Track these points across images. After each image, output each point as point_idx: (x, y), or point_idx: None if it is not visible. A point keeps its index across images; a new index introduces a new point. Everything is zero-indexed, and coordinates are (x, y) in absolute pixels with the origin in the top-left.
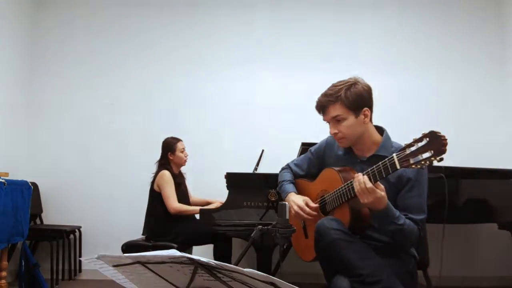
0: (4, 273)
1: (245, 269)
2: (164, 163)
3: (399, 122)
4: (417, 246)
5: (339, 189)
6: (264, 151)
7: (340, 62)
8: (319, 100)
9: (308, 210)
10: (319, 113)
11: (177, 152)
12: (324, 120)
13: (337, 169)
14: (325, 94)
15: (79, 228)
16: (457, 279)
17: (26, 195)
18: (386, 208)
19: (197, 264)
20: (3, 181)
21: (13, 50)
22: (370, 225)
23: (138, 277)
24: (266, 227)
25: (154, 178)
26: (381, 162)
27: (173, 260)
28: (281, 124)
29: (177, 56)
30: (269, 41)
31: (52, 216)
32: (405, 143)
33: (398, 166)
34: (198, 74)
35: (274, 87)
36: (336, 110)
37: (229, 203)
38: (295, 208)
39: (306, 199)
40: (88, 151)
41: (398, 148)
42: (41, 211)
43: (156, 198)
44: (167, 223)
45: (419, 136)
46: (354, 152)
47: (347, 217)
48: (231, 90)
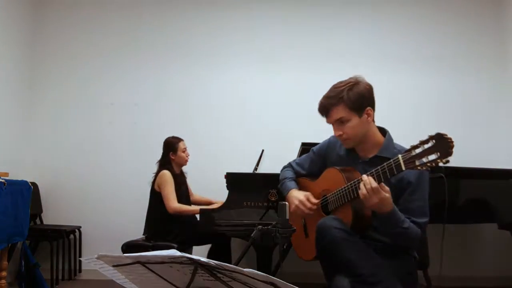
0: (4, 273)
1: (245, 269)
2: (165, 163)
3: (399, 122)
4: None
5: (342, 189)
6: (264, 151)
7: (342, 62)
8: (321, 103)
9: (309, 205)
10: (322, 116)
11: (179, 152)
12: (328, 123)
13: (340, 169)
14: (327, 97)
15: (79, 228)
16: (457, 279)
17: (26, 195)
18: (392, 211)
19: (197, 264)
20: (3, 181)
21: (13, 50)
22: (372, 226)
23: (138, 277)
24: (266, 227)
25: (155, 178)
26: (386, 163)
27: (173, 260)
28: (281, 124)
29: (177, 56)
30: (270, 41)
31: (52, 216)
32: (411, 145)
33: (404, 167)
34: (198, 74)
35: (274, 87)
36: (339, 112)
37: (229, 203)
38: (296, 203)
39: (308, 194)
40: (88, 151)
41: (401, 150)
42: (41, 211)
43: (157, 198)
44: (168, 223)
45: (425, 138)
46: (357, 153)
47: (349, 218)
48: (231, 90)
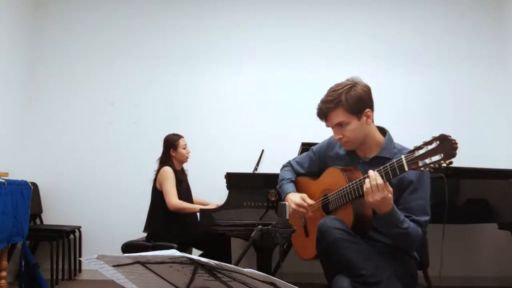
0: (4, 273)
1: (245, 269)
2: (166, 160)
3: (398, 122)
4: (409, 251)
5: (343, 189)
6: (264, 151)
7: (341, 62)
8: (320, 108)
9: (306, 205)
10: (321, 120)
11: (179, 149)
12: (327, 127)
13: (342, 169)
14: (325, 101)
15: (79, 228)
16: (457, 279)
17: (26, 195)
18: (392, 211)
19: (197, 264)
20: (3, 181)
21: (13, 50)
22: (372, 227)
23: (138, 277)
24: (266, 227)
25: (156, 176)
26: (389, 164)
27: (173, 260)
28: (281, 124)
29: (178, 55)
30: (270, 41)
31: (52, 216)
32: (414, 146)
33: (407, 168)
34: (198, 74)
35: (274, 87)
36: (339, 116)
37: (229, 203)
38: (293, 206)
39: (303, 196)
40: (88, 151)
41: (401, 150)
42: (41, 211)
43: (158, 196)
44: (169, 222)
45: (429, 139)
46: (357, 153)
47: (350, 217)
48: (231, 90)
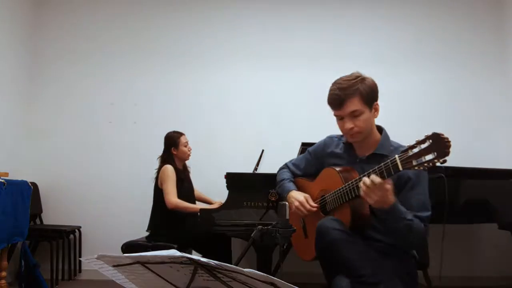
0: (4, 273)
1: (245, 269)
2: (167, 158)
3: (398, 121)
4: (413, 248)
5: (340, 189)
6: (264, 151)
7: (342, 61)
8: (336, 94)
9: (309, 207)
10: (333, 108)
11: (181, 147)
12: (337, 115)
13: (338, 169)
14: (342, 88)
15: (79, 228)
16: (457, 279)
17: (26, 195)
18: (395, 204)
19: (197, 264)
20: (3, 181)
21: (13, 50)
22: (371, 225)
23: (138, 277)
24: (266, 227)
25: (158, 174)
26: (383, 163)
27: (173, 260)
28: (281, 124)
29: (178, 55)
30: (270, 41)
31: (52, 216)
32: (408, 145)
33: (401, 168)
34: (198, 74)
35: (275, 87)
36: (355, 105)
37: (229, 203)
38: (296, 204)
39: (307, 196)
40: (88, 151)
41: (397, 147)
42: (41, 211)
43: (160, 195)
44: (169, 221)
45: (422, 138)
46: (355, 151)
47: (348, 217)
48: (231, 90)
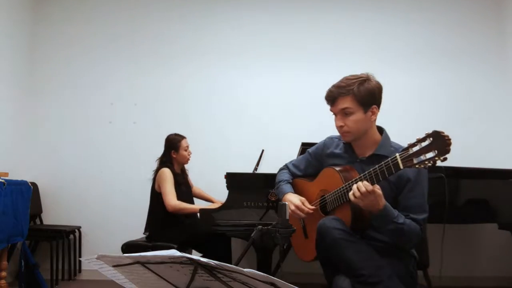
0: (4, 273)
1: (245, 269)
2: (166, 161)
3: (398, 121)
4: (417, 246)
5: (340, 189)
6: (264, 151)
7: (342, 61)
8: (330, 91)
9: (306, 210)
10: (328, 103)
11: (181, 150)
12: (331, 111)
13: (338, 169)
14: (337, 86)
15: (79, 228)
16: (457, 279)
17: (26, 195)
18: (384, 209)
19: (197, 264)
20: (3, 181)
21: (12, 50)
22: (371, 225)
23: (138, 277)
24: (266, 227)
25: (155, 176)
26: (384, 162)
27: (173, 260)
28: (281, 124)
29: (178, 55)
30: (270, 41)
31: (52, 216)
32: (408, 143)
33: (402, 166)
34: (199, 74)
35: (275, 87)
36: (346, 103)
37: (229, 203)
38: (292, 208)
39: (303, 199)
40: (88, 151)
41: (398, 148)
42: (41, 211)
43: (157, 197)
44: (168, 223)
45: (422, 136)
46: (354, 151)
47: (348, 217)
48: (231, 90)
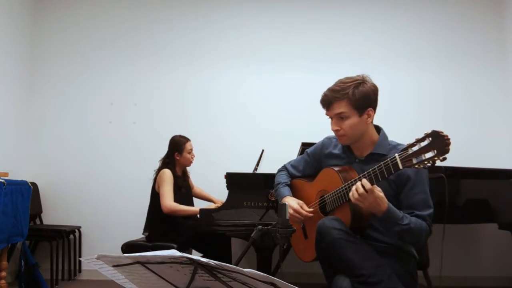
0: (4, 273)
1: (245, 269)
2: (169, 162)
3: (397, 121)
4: (417, 247)
5: (339, 189)
6: (264, 151)
7: (342, 61)
8: (325, 95)
9: (305, 213)
10: (323, 107)
11: (185, 153)
12: (327, 115)
13: (337, 169)
14: (332, 90)
15: (79, 228)
16: (457, 279)
17: (26, 195)
18: (387, 211)
19: (197, 264)
20: (3, 181)
21: (13, 50)
22: (371, 225)
23: (138, 277)
24: (266, 227)
25: (156, 177)
26: (383, 162)
27: (173, 260)
28: (281, 124)
29: (177, 56)
30: (270, 41)
31: (52, 216)
32: (407, 143)
33: (401, 166)
34: (199, 74)
35: (275, 87)
36: (341, 107)
37: (229, 203)
38: (291, 212)
39: (301, 203)
40: (88, 151)
41: (396, 146)
42: (41, 211)
43: (157, 198)
44: (167, 224)
45: (422, 136)
46: (352, 151)
47: (348, 217)
48: (232, 90)
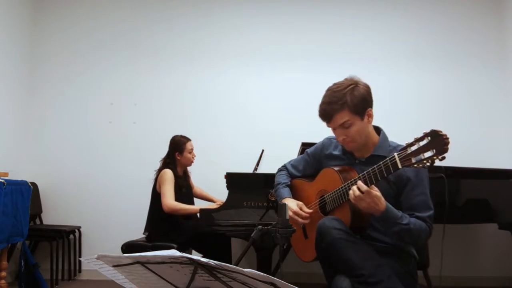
0: (4, 273)
1: (245, 269)
2: (169, 162)
3: (397, 121)
4: (417, 247)
5: (339, 189)
6: (264, 151)
7: (342, 61)
8: (323, 109)
9: (304, 215)
10: (323, 121)
11: (185, 153)
12: (329, 127)
13: (337, 169)
14: (329, 102)
15: (79, 228)
16: (457, 279)
17: (26, 195)
18: (386, 210)
19: (197, 264)
20: (3, 181)
21: (13, 50)
22: (371, 225)
23: (138, 277)
24: (266, 227)
25: (157, 177)
26: (382, 162)
27: (173, 260)
28: (281, 124)
29: (177, 56)
30: (270, 41)
31: (52, 216)
32: (406, 142)
33: (400, 166)
34: (199, 74)
35: (275, 87)
36: (344, 117)
37: (229, 203)
38: (290, 214)
39: (301, 204)
40: (88, 151)
41: (396, 147)
42: (41, 211)
43: (157, 198)
44: (168, 223)
45: (420, 135)
46: (353, 153)
47: (348, 217)
48: (232, 90)
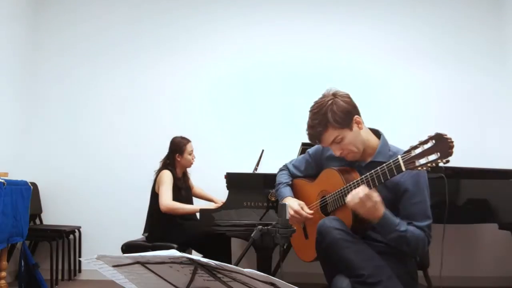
0: (4, 274)
1: (245, 269)
2: (169, 164)
3: (398, 121)
4: (415, 256)
5: (341, 190)
6: (264, 151)
7: (342, 61)
8: (310, 134)
9: (305, 214)
10: (315, 144)
11: (185, 154)
12: (324, 147)
13: (339, 170)
14: (312, 126)
15: (79, 228)
16: (457, 279)
17: (26, 195)
18: (384, 217)
19: (197, 264)
20: (3, 181)
21: (13, 50)
22: (371, 226)
23: (138, 278)
24: (266, 227)
25: (156, 177)
26: (386, 164)
27: (173, 260)
28: (281, 124)
29: (178, 56)
30: (269, 41)
31: (52, 216)
32: (410, 145)
33: (404, 168)
34: (198, 74)
35: (275, 87)
36: (331, 135)
37: (229, 203)
38: (291, 213)
39: (302, 204)
40: (88, 151)
41: (396, 152)
42: (41, 211)
43: (156, 198)
44: (167, 224)
45: (425, 138)
46: None
47: (349, 218)
48: (231, 90)
